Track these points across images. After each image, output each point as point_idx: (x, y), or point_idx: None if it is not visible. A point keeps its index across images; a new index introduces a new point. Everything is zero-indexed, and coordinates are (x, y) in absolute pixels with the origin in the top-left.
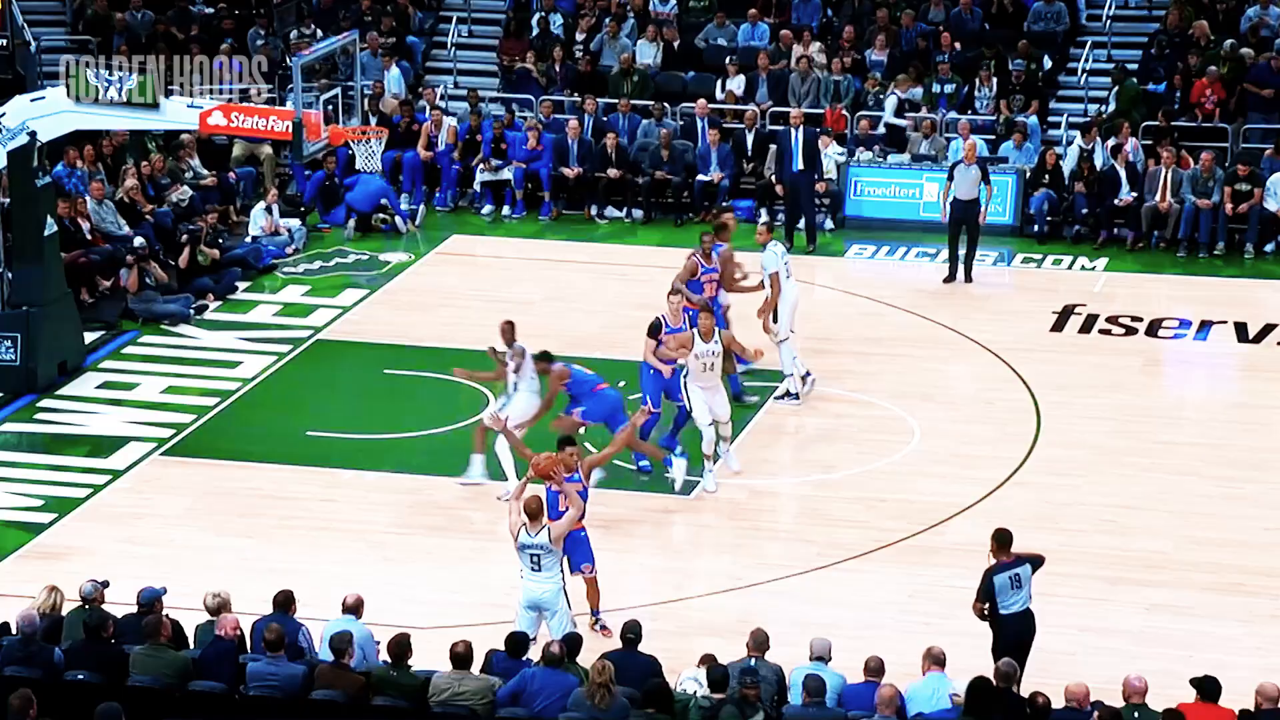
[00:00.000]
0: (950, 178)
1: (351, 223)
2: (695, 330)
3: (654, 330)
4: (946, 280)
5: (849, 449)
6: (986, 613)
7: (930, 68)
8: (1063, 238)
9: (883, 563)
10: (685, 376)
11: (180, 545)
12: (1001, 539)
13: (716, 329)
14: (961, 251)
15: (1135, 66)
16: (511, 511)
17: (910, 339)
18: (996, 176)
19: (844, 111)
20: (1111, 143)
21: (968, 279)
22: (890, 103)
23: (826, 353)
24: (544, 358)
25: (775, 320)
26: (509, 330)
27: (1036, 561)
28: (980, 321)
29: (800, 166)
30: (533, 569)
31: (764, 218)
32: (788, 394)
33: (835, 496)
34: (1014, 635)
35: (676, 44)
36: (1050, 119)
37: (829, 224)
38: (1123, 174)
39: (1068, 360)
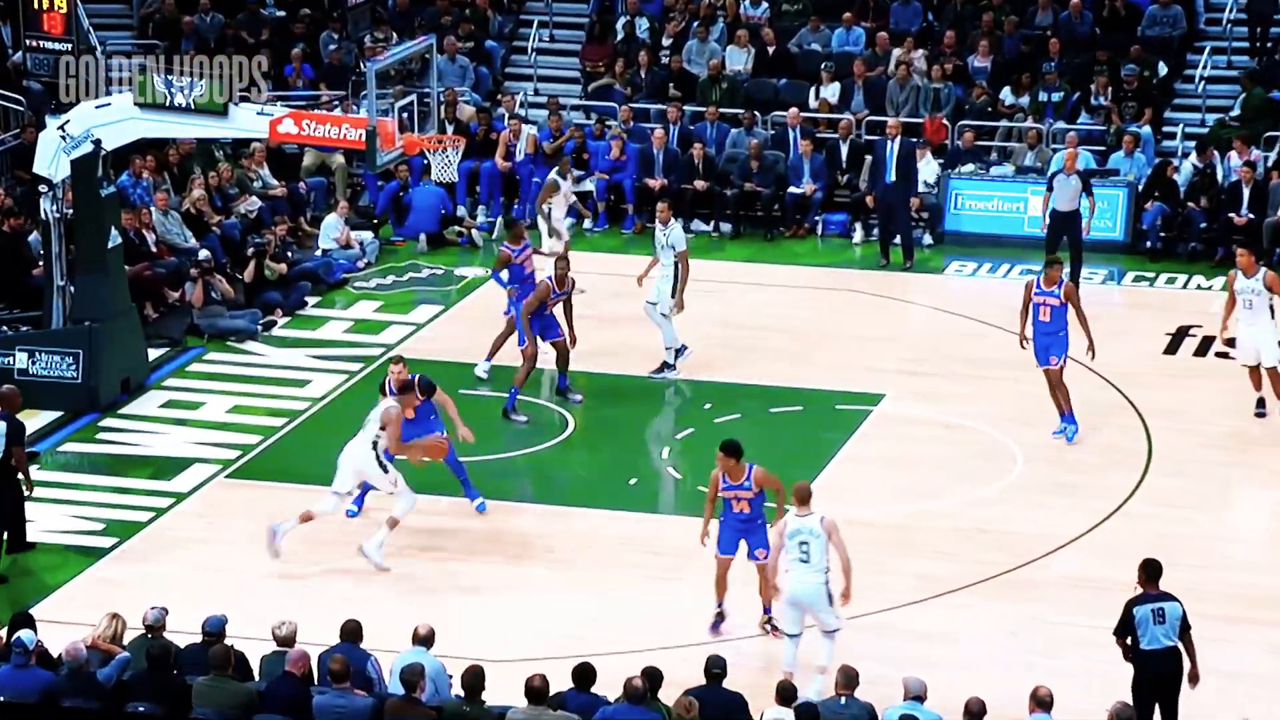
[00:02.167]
0: (1049, 188)
1: (422, 238)
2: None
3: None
4: None
5: (947, 477)
6: (1127, 646)
7: (1037, 75)
8: (1177, 255)
9: (983, 597)
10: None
11: (246, 572)
12: (1151, 570)
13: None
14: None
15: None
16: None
17: (1013, 361)
18: (1107, 190)
19: (944, 121)
20: (1232, 156)
21: None
22: None
23: (923, 375)
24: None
25: (674, 295)
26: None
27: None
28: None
29: (895, 179)
30: (801, 558)
31: (661, 205)
32: (665, 366)
33: (932, 527)
34: (1152, 673)
35: (769, 49)
36: (1165, 129)
37: (927, 239)
38: (1245, 189)
39: (1181, 385)
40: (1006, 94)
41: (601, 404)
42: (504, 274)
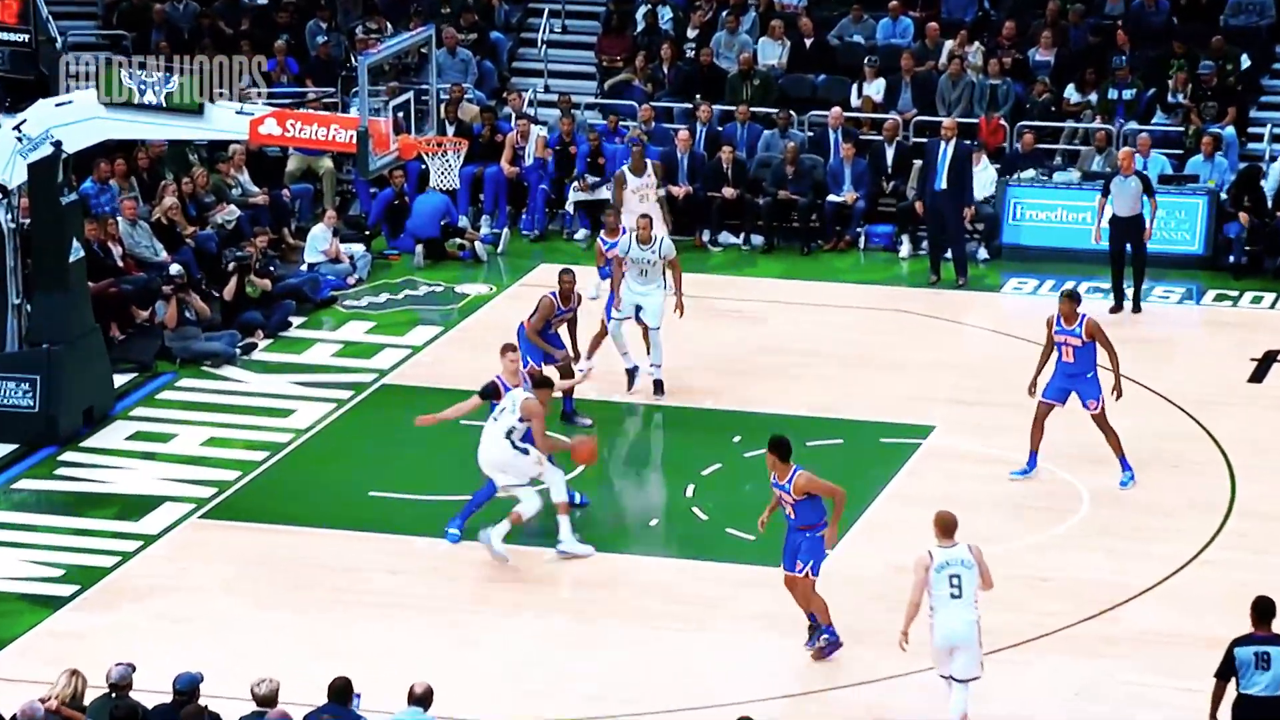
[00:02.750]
0: (1106, 192)
1: (419, 249)
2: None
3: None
4: (1113, 310)
5: (1004, 519)
6: (1223, 688)
7: (1106, 70)
8: (1264, 271)
9: (1045, 652)
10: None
11: (223, 623)
12: (1263, 610)
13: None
14: (1129, 287)
15: None
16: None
17: None
18: (1184, 198)
19: (1002, 121)
20: None
21: (1135, 309)
22: None
23: (979, 404)
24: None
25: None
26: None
27: None
28: (1163, 369)
29: (946, 186)
30: (953, 593)
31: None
32: (658, 386)
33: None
34: None
35: (806, 42)
36: (1250, 129)
37: (982, 254)
38: None
39: (1268, 416)
40: (1071, 91)
41: (616, 434)
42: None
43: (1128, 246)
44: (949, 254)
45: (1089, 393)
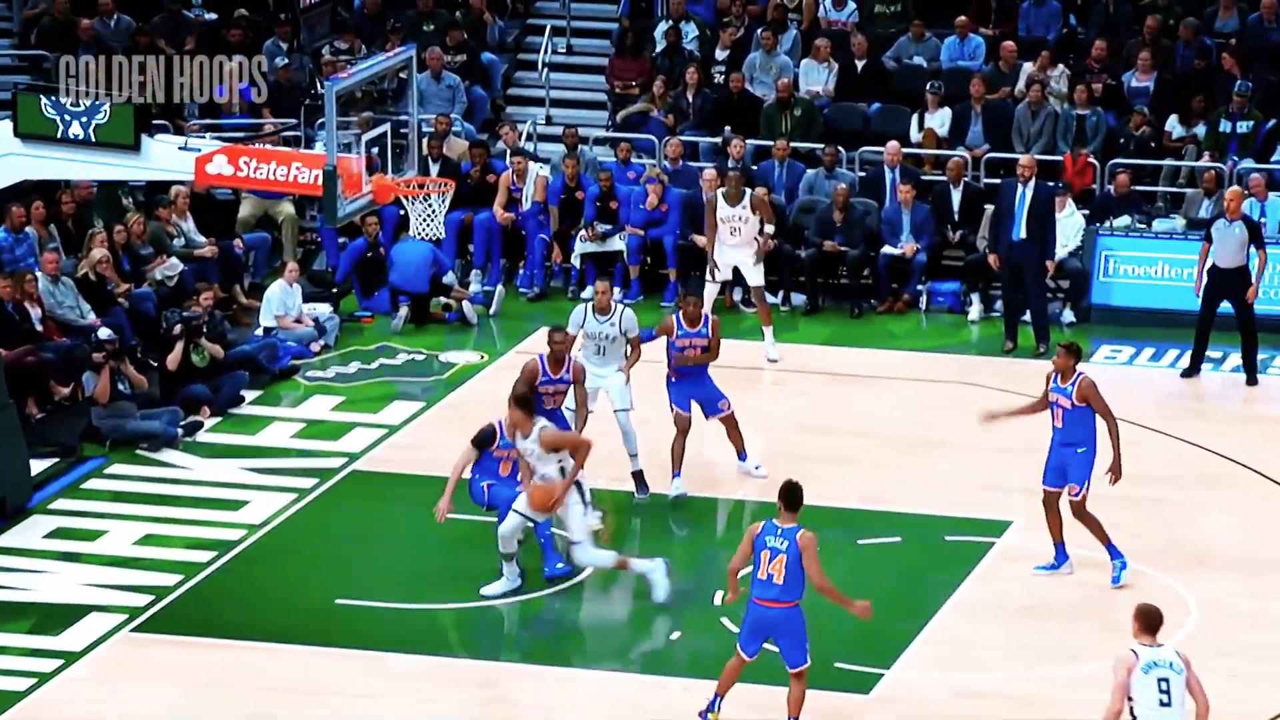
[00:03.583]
0: (1208, 238)
1: (403, 310)
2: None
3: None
4: (1186, 374)
5: (1092, 632)
6: None
7: (1215, 98)
8: None
9: None
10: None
11: None
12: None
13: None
14: (1234, 354)
15: None
16: None
17: (1181, 477)
18: None
19: (1091, 159)
20: None
21: (1250, 381)
22: None
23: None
24: None
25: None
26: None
27: None
28: None
29: (1026, 235)
30: (1161, 700)
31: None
32: (641, 482)
33: (1073, 698)
34: None
35: (857, 64)
36: None
37: (1067, 316)
38: None
39: None
40: (1174, 124)
41: (630, 529)
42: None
43: (1224, 303)
44: (1027, 316)
45: (1075, 475)
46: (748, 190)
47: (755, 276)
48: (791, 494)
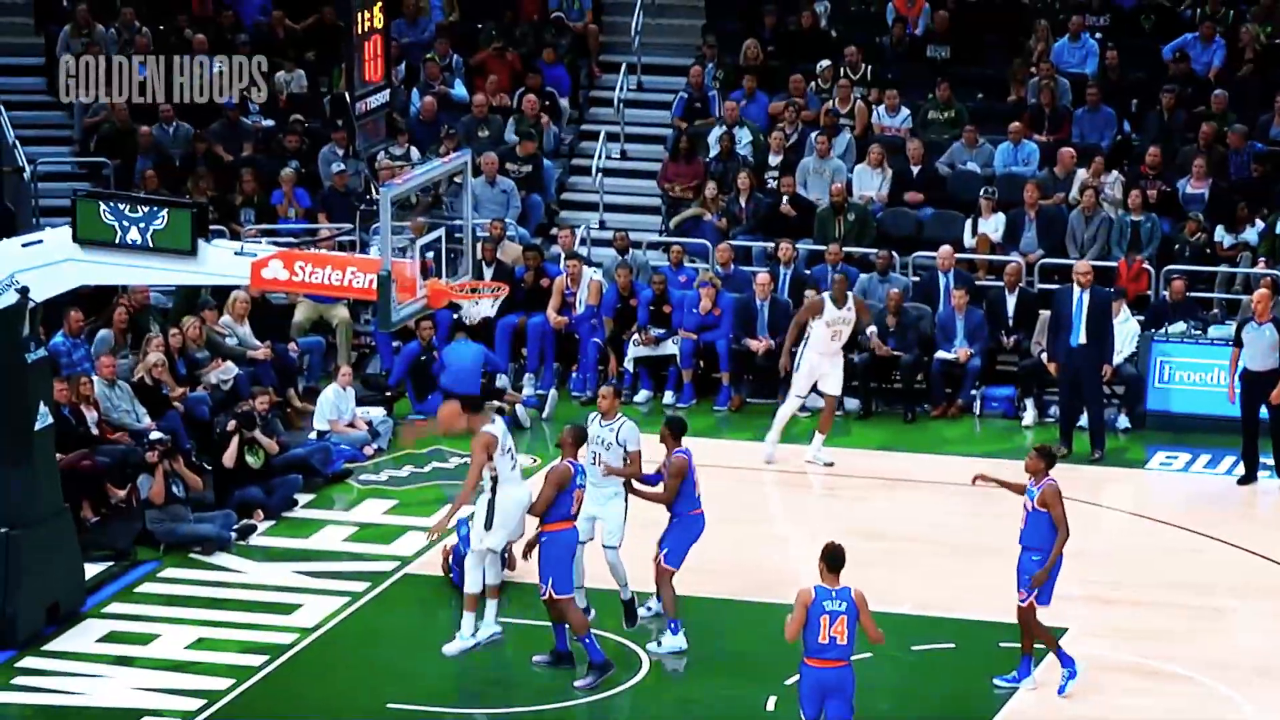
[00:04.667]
0: (1238, 343)
1: None
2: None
3: None
4: (1242, 481)
5: None
6: None
7: (1272, 202)
8: None
9: None
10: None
11: None
12: None
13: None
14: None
15: None
16: None
17: (1240, 586)
18: None
19: (1146, 265)
20: None
21: None
22: None
23: (1119, 602)
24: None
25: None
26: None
27: None
28: None
29: (1083, 340)
30: None
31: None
32: (632, 612)
33: None
34: None
35: (911, 170)
36: None
37: (1122, 422)
38: None
39: None
40: (1222, 233)
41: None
42: None
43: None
44: (1083, 422)
45: (1024, 581)
46: (849, 293)
47: (835, 386)
48: (834, 556)
